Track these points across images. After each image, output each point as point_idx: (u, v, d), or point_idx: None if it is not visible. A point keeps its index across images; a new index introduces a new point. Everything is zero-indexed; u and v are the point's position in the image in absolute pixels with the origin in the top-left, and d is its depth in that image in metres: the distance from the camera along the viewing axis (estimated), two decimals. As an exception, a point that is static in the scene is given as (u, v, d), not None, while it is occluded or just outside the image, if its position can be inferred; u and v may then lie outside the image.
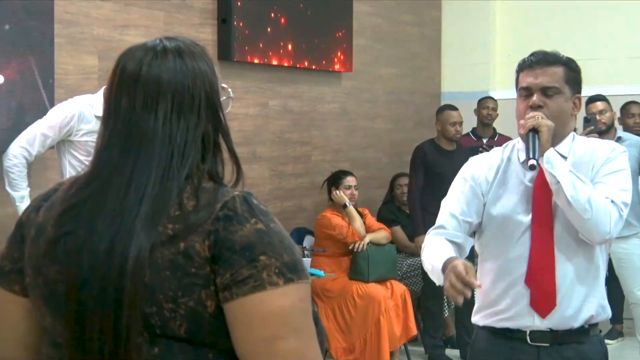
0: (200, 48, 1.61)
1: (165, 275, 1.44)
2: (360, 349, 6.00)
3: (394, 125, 7.79)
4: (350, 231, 6.14)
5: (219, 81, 1.62)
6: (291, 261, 1.46)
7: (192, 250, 1.45)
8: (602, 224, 2.61)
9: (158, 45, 1.59)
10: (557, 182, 2.62)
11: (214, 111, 1.58)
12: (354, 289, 6.05)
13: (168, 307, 1.44)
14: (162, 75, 1.54)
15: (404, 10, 7.91)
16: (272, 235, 1.47)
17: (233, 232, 1.46)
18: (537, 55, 2.78)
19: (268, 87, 6.38)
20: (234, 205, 1.49)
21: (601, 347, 2.80)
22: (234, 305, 1.44)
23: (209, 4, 5.86)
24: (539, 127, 2.65)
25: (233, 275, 1.44)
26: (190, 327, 1.45)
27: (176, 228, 1.46)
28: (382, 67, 7.67)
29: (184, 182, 1.50)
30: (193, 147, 1.53)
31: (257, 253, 1.44)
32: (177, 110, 1.53)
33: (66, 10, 4.89)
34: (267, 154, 6.39)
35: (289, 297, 1.44)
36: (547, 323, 2.70)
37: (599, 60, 7.68)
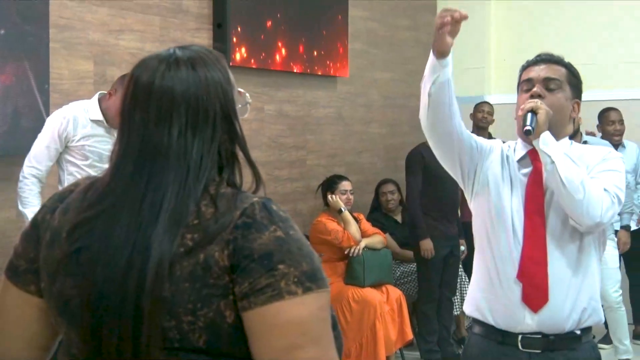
0: (214, 56, 1.60)
1: (184, 287, 1.43)
2: (356, 354, 6.00)
3: (390, 129, 7.80)
4: (346, 236, 6.14)
5: (235, 88, 1.60)
6: (310, 270, 1.45)
7: (212, 260, 1.43)
8: (593, 207, 2.62)
9: (171, 56, 1.57)
10: (552, 162, 2.64)
11: (229, 122, 1.56)
12: (349, 294, 6.05)
13: (187, 320, 1.43)
14: (175, 87, 1.52)
15: (399, 15, 7.92)
16: (291, 243, 1.46)
17: (252, 241, 1.44)
18: (543, 55, 2.85)
19: (263, 91, 6.39)
20: (253, 212, 1.47)
21: (594, 353, 2.80)
22: (252, 315, 1.42)
23: (204, 9, 5.86)
24: (537, 110, 2.69)
25: (251, 285, 1.42)
26: (210, 338, 1.44)
27: (195, 238, 1.45)
28: (378, 71, 7.68)
29: (201, 193, 1.49)
30: (209, 159, 1.51)
31: (275, 262, 1.43)
32: (192, 123, 1.52)
33: (61, 14, 4.89)
34: (262, 159, 6.39)
35: (308, 307, 1.43)
36: (538, 320, 2.69)
37: (591, 66, 7.70)
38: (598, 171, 2.73)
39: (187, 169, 1.49)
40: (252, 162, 1.59)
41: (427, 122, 2.76)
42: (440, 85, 2.66)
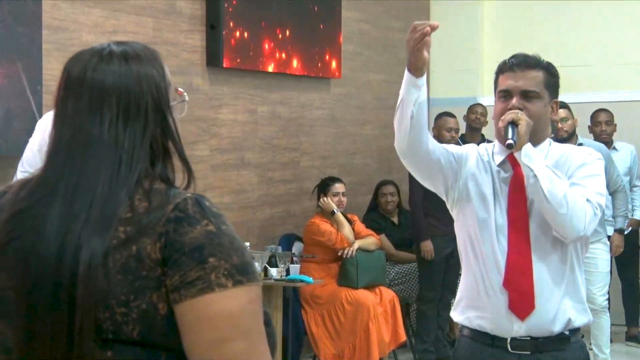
0: (151, 53, 1.61)
1: (117, 279, 1.44)
2: (350, 355, 6.00)
3: (383, 131, 7.80)
4: (339, 237, 6.15)
5: (170, 85, 1.61)
6: (241, 263, 1.46)
7: (144, 253, 1.45)
8: (577, 219, 2.63)
9: (105, 49, 1.59)
10: (535, 175, 2.63)
11: (162, 115, 1.57)
12: (343, 295, 6.05)
13: (120, 312, 1.44)
14: (106, 79, 1.54)
15: (393, 17, 7.93)
16: (222, 237, 1.47)
17: (183, 234, 1.45)
18: (518, 58, 2.79)
19: (257, 93, 6.39)
20: (186, 206, 1.48)
21: (582, 352, 2.81)
22: (183, 307, 1.44)
23: (197, 10, 5.86)
24: (518, 121, 2.67)
25: (182, 277, 1.44)
26: (143, 330, 1.45)
27: (128, 231, 1.46)
28: (371, 73, 7.68)
29: (134, 186, 1.50)
30: (141, 151, 1.53)
31: (206, 255, 1.44)
32: (123, 115, 1.53)
33: (54, 16, 4.88)
34: (255, 160, 6.39)
35: (238, 300, 1.44)
36: (526, 327, 2.70)
37: (586, 67, 7.72)
38: (579, 177, 2.72)
39: (119, 159, 1.51)
40: (185, 158, 1.60)
41: (407, 146, 2.72)
42: (420, 105, 2.66)
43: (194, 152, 5.83)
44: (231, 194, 6.15)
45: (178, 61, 5.68)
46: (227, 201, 6.10)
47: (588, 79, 7.62)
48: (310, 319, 6.11)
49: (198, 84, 5.87)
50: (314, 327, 6.09)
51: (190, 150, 5.82)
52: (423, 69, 2.64)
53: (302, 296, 6.17)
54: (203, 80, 5.91)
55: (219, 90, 6.05)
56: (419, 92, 2.65)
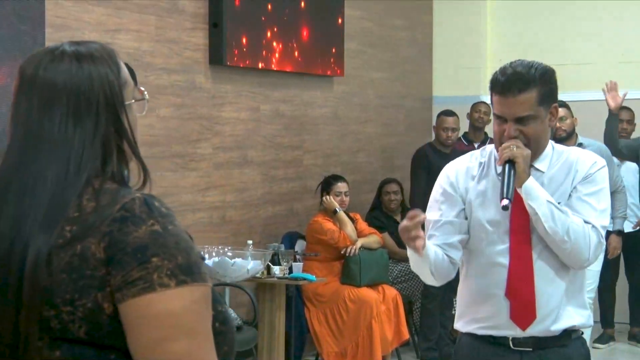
0: (106, 52, 1.61)
1: (62, 278, 1.45)
2: (352, 353, 6.01)
3: (385, 129, 7.81)
4: (342, 236, 6.15)
5: (126, 84, 1.60)
6: (185, 263, 1.46)
7: (88, 252, 1.45)
8: (580, 252, 2.65)
9: (58, 49, 1.59)
10: (536, 213, 2.63)
11: (115, 114, 1.56)
12: (345, 294, 6.06)
13: (66, 310, 1.45)
14: (57, 78, 1.55)
15: (395, 15, 7.92)
16: (168, 237, 1.47)
17: (127, 234, 1.45)
18: (508, 77, 2.66)
19: (259, 91, 6.39)
20: (132, 206, 1.48)
21: (583, 349, 2.82)
22: (126, 307, 1.43)
23: (200, 8, 5.86)
24: (515, 159, 2.62)
25: (124, 277, 1.43)
26: (89, 328, 1.45)
27: (74, 230, 1.47)
28: (373, 71, 7.68)
29: (83, 185, 1.50)
30: (91, 151, 1.53)
31: (149, 254, 1.44)
32: (74, 114, 1.53)
33: (57, 14, 4.89)
34: (258, 158, 6.39)
35: (181, 299, 1.44)
36: (529, 332, 2.72)
37: (589, 65, 7.72)
38: (585, 193, 2.70)
39: (68, 159, 1.51)
40: (140, 158, 1.59)
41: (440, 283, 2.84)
42: (435, 263, 2.70)
43: (197, 150, 5.83)
44: (234, 192, 6.16)
45: (181, 59, 5.69)
46: (229, 199, 6.10)
47: (590, 77, 7.61)
48: (313, 317, 6.12)
49: (201, 82, 5.87)
50: (316, 325, 6.09)
51: (193, 148, 5.83)
52: (422, 249, 2.62)
53: (305, 294, 6.17)
54: (206, 78, 5.91)
55: (221, 88, 6.05)
56: (427, 261, 2.68)
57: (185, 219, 5.73)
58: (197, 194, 5.84)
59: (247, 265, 5.40)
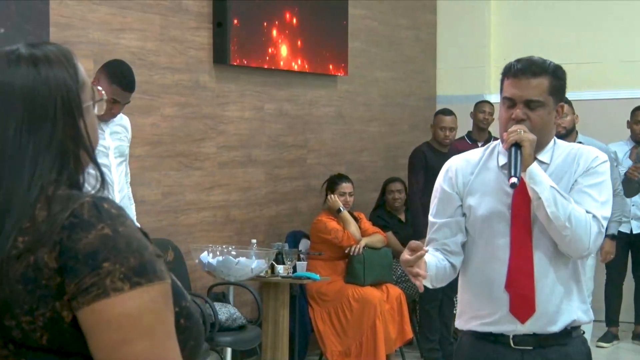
0: (63, 54, 1.57)
1: (18, 289, 1.43)
2: (356, 352, 6.00)
3: (389, 128, 7.80)
4: (346, 235, 6.15)
5: (84, 86, 1.57)
6: (138, 264, 1.43)
7: (41, 262, 1.43)
8: (580, 240, 2.64)
9: (14, 52, 1.56)
10: (539, 197, 2.63)
11: (73, 120, 1.53)
12: (349, 293, 6.05)
13: (26, 320, 1.44)
14: (13, 83, 1.51)
15: (399, 14, 7.92)
16: (118, 239, 1.44)
17: (77, 241, 1.43)
18: (523, 64, 2.72)
19: (263, 90, 6.38)
20: (81, 212, 1.45)
21: (584, 347, 2.81)
22: (82, 314, 1.41)
23: (204, 8, 5.86)
24: (521, 142, 2.64)
25: (78, 285, 1.41)
26: (51, 337, 1.44)
27: (26, 241, 1.44)
28: (377, 70, 7.67)
29: (37, 194, 1.47)
30: (47, 158, 1.49)
31: (100, 260, 1.42)
32: (29, 121, 1.50)
33: (61, 13, 4.89)
34: (262, 158, 6.39)
35: (137, 301, 1.41)
36: (529, 327, 2.71)
37: (592, 65, 7.70)
38: (586, 185, 2.71)
39: (21, 168, 1.48)
40: (96, 162, 1.56)
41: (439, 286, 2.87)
42: (437, 280, 2.76)
43: (201, 150, 5.83)
44: (238, 192, 6.16)
45: (185, 58, 5.69)
46: (234, 198, 6.10)
47: (594, 76, 7.60)
48: (317, 316, 6.11)
49: (205, 82, 5.87)
50: (320, 324, 6.09)
51: (197, 148, 5.83)
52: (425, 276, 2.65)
53: (309, 293, 6.17)
54: (210, 77, 5.91)
55: (225, 87, 6.05)
56: (429, 279, 2.71)
57: (190, 218, 5.74)
58: (201, 193, 5.84)
59: (251, 264, 5.40)
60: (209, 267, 5.39)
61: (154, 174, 5.50)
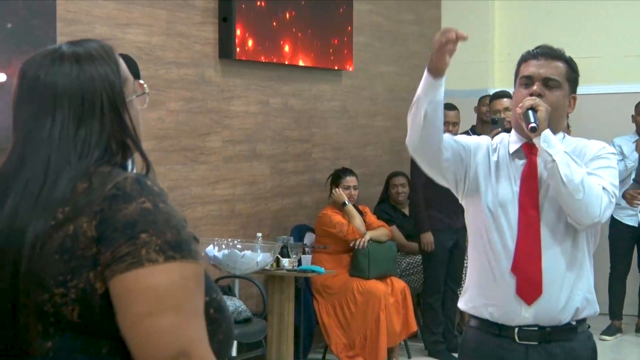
0: (104, 51, 1.60)
1: (54, 259, 1.45)
2: (361, 345, 6.01)
3: (394, 122, 7.79)
4: (351, 229, 6.15)
5: (127, 80, 1.60)
6: (175, 240, 1.45)
7: (80, 231, 1.44)
8: (593, 206, 2.63)
9: (57, 51, 1.58)
10: (553, 160, 2.63)
11: (118, 113, 1.56)
12: (354, 286, 6.06)
13: (59, 292, 1.44)
14: (57, 82, 1.54)
15: (404, 9, 7.91)
16: (158, 214, 1.46)
17: (117, 211, 1.45)
18: (543, 49, 2.81)
19: (269, 85, 6.38)
20: (124, 185, 1.48)
21: (589, 342, 2.81)
22: (114, 283, 1.42)
23: (210, 3, 5.85)
24: (537, 107, 2.68)
25: (113, 253, 1.43)
26: (82, 310, 1.44)
27: (66, 211, 1.46)
28: (382, 65, 7.67)
29: (82, 171, 1.50)
30: (96, 151, 1.53)
31: (137, 230, 1.43)
32: (75, 116, 1.53)
33: (68, 8, 4.89)
34: (267, 152, 6.39)
35: (169, 275, 1.42)
36: (534, 313, 2.69)
37: (596, 59, 7.69)
38: (594, 167, 2.72)
39: (68, 160, 1.51)
40: (142, 151, 1.59)
41: (418, 144, 2.72)
42: (435, 105, 2.67)
43: (207, 144, 5.83)
44: (243, 185, 6.16)
45: (191, 53, 5.69)
46: (239, 192, 6.10)
47: (598, 71, 7.58)
48: (322, 309, 6.12)
49: (210, 76, 5.87)
50: (325, 317, 6.09)
51: (203, 142, 5.83)
52: (443, 71, 2.64)
53: (314, 286, 6.17)
54: (215, 72, 5.91)
55: (231, 82, 6.05)
56: (434, 93, 2.66)
57: (195, 212, 5.74)
58: (206, 187, 5.84)
59: (257, 257, 5.41)
60: (214, 261, 5.40)
61: (160, 168, 5.50)
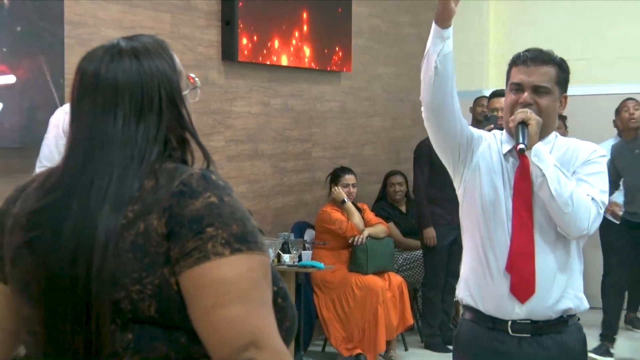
0: (160, 45, 1.59)
1: (128, 257, 1.43)
2: (359, 338, 6.02)
3: (392, 122, 7.80)
4: (349, 226, 6.16)
5: (182, 75, 1.59)
6: (241, 232, 1.43)
7: (151, 229, 1.43)
8: (581, 219, 2.63)
9: (115, 47, 1.57)
10: (543, 175, 2.63)
11: (176, 108, 1.56)
12: (353, 281, 6.06)
13: (135, 289, 1.43)
14: (118, 77, 1.53)
15: (402, 12, 7.91)
16: (223, 207, 1.45)
17: (184, 207, 1.44)
18: (532, 53, 2.77)
19: (270, 86, 6.39)
20: (190, 181, 1.47)
21: (579, 335, 2.81)
22: (183, 278, 1.41)
23: (213, 6, 5.86)
24: (528, 121, 2.66)
25: (181, 249, 1.42)
26: (159, 305, 1.43)
27: (136, 209, 1.45)
28: (381, 66, 7.67)
29: (148, 169, 1.49)
30: (155, 145, 1.52)
31: (204, 225, 1.42)
32: (136, 111, 1.52)
33: (75, 12, 4.89)
34: (269, 151, 6.40)
35: (235, 267, 1.41)
36: (526, 310, 2.70)
37: (589, 60, 7.69)
38: (585, 174, 2.71)
39: (131, 155, 1.50)
40: (201, 145, 1.59)
41: (431, 98, 2.70)
42: (445, 57, 2.64)
43: (210, 143, 5.83)
44: (246, 184, 6.17)
45: (194, 55, 5.69)
46: (242, 191, 6.11)
47: (589, 72, 7.58)
48: (322, 303, 6.13)
49: (214, 78, 5.87)
50: (325, 311, 6.10)
51: (207, 142, 5.82)
52: (450, 20, 2.60)
53: (314, 281, 6.18)
54: (219, 73, 5.92)
55: (233, 83, 6.05)
56: (444, 44, 2.63)
57: (199, 209, 5.74)
58: (210, 185, 5.84)
59: (258, 253, 5.41)
60: (217, 256, 5.40)
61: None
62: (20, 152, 4.58)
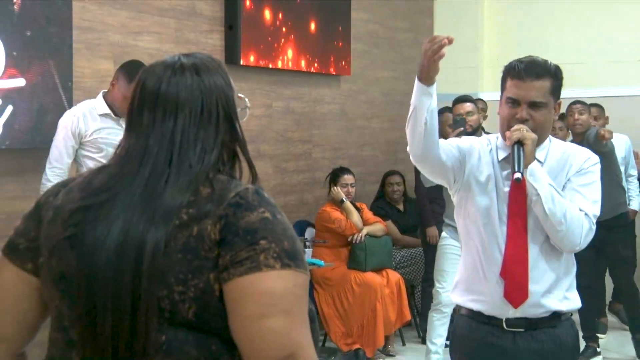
0: (217, 63, 1.62)
1: (177, 258, 1.43)
2: (358, 333, 6.04)
3: (390, 124, 7.82)
4: (349, 224, 6.18)
5: (235, 92, 1.62)
6: (291, 249, 1.45)
7: (204, 233, 1.44)
8: (573, 236, 2.64)
9: (177, 62, 1.59)
10: (537, 194, 2.63)
11: (231, 123, 1.58)
12: (352, 278, 6.08)
13: (178, 290, 1.43)
14: (180, 92, 1.55)
15: (399, 18, 7.93)
16: (276, 224, 1.47)
17: (240, 218, 1.45)
18: (527, 65, 2.70)
19: (272, 89, 6.41)
20: (246, 194, 1.49)
21: (572, 330, 2.83)
22: (230, 286, 1.42)
23: (217, 12, 5.89)
24: (524, 140, 2.64)
25: (232, 257, 1.43)
26: (198, 310, 1.43)
27: (191, 212, 1.46)
28: (379, 70, 7.69)
29: (204, 176, 1.51)
30: (211, 158, 1.53)
31: (258, 237, 1.44)
32: (195, 125, 1.54)
33: (83, 17, 4.92)
34: (271, 152, 6.42)
35: (283, 281, 1.42)
36: (520, 312, 2.72)
37: (582, 64, 7.71)
38: (578, 184, 2.71)
39: (189, 164, 1.51)
40: (250, 161, 1.61)
41: (421, 152, 2.70)
42: (432, 112, 2.65)
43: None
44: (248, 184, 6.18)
45: (198, 59, 5.71)
46: (244, 190, 6.12)
47: (584, 75, 7.60)
48: (322, 299, 6.15)
49: (217, 81, 5.89)
50: (325, 307, 6.12)
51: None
52: (434, 78, 2.61)
53: (314, 278, 6.20)
54: (222, 77, 5.93)
55: (236, 86, 6.04)
56: (430, 100, 2.63)
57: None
58: (213, 185, 5.86)
59: (260, 251, 5.42)
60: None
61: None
62: (30, 153, 4.61)
